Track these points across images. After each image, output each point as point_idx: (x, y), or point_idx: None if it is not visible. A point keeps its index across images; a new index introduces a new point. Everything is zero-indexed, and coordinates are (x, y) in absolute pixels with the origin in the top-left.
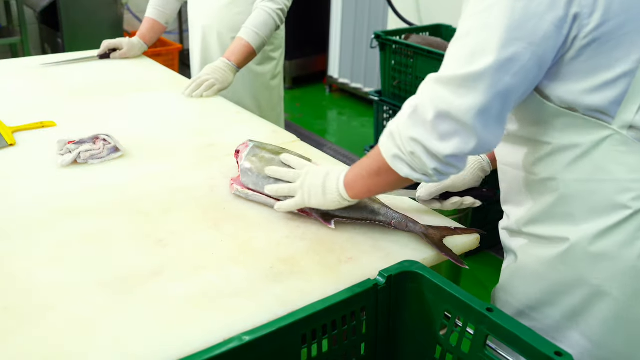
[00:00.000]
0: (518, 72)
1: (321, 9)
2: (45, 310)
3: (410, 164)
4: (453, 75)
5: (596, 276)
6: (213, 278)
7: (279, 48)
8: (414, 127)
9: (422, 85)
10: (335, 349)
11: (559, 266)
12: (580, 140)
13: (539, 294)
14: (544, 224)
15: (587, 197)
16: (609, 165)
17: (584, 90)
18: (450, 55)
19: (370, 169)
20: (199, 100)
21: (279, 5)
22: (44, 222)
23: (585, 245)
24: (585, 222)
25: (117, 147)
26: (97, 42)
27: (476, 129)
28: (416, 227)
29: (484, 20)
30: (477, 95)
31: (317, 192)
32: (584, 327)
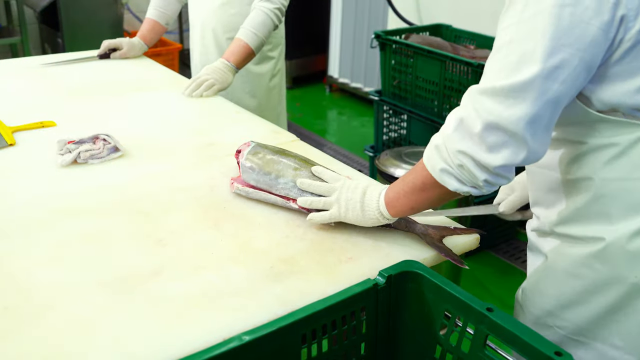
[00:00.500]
0: (566, 79)
1: (321, 8)
2: (45, 310)
3: (459, 177)
4: (500, 86)
5: (635, 274)
6: (213, 278)
7: (277, 47)
8: (461, 140)
9: (466, 98)
10: (335, 349)
11: (594, 265)
12: (618, 139)
13: (572, 293)
14: (578, 224)
15: (624, 196)
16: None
17: (627, 91)
18: (493, 65)
19: (414, 184)
20: (198, 100)
21: (276, 4)
22: (43, 222)
23: (623, 243)
24: (621, 221)
25: (117, 147)
26: (97, 42)
27: (526, 138)
28: (415, 227)
29: (528, 29)
30: (527, 105)
31: (355, 207)
32: (617, 326)
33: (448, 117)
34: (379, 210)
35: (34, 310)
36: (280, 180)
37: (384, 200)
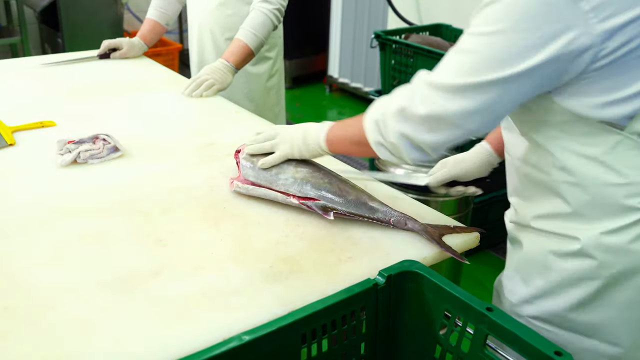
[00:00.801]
0: (508, 92)
1: (321, 8)
2: (45, 310)
3: (391, 151)
4: (448, 83)
5: (612, 269)
6: (213, 277)
7: (275, 47)
8: (402, 123)
9: (414, 85)
10: (335, 349)
11: (570, 261)
12: (594, 146)
13: (546, 285)
14: (554, 221)
15: (599, 199)
16: (621, 169)
17: (596, 105)
18: (448, 64)
19: (352, 138)
20: (198, 100)
21: (275, 5)
22: (43, 222)
23: (601, 240)
24: (598, 222)
25: (116, 146)
26: (97, 42)
27: (465, 127)
28: (415, 225)
29: (485, 44)
30: (468, 102)
31: (299, 144)
32: (592, 316)
33: (392, 98)
34: (319, 145)
35: (34, 310)
36: (281, 177)
37: (324, 138)
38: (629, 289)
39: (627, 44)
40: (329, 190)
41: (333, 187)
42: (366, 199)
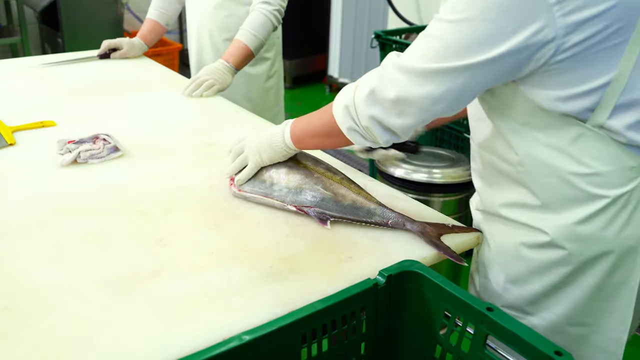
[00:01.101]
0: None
1: (321, 8)
2: (45, 310)
3: (364, 135)
4: (416, 67)
5: (581, 255)
6: (213, 277)
7: (273, 47)
8: (372, 107)
9: (384, 68)
10: (335, 349)
11: (539, 251)
12: (558, 137)
13: (517, 274)
14: (522, 210)
15: (565, 189)
16: (585, 159)
17: (558, 97)
18: (416, 48)
19: (321, 131)
20: (198, 100)
21: (275, 6)
22: (43, 222)
23: (571, 229)
24: (564, 212)
25: (117, 146)
26: (97, 42)
27: (431, 110)
28: (413, 225)
29: (453, 31)
30: (434, 87)
31: (265, 149)
32: (561, 300)
33: (362, 82)
34: (286, 145)
35: (34, 310)
36: (275, 188)
37: (289, 136)
38: (597, 273)
39: (590, 38)
40: (323, 198)
41: (328, 192)
42: (363, 201)
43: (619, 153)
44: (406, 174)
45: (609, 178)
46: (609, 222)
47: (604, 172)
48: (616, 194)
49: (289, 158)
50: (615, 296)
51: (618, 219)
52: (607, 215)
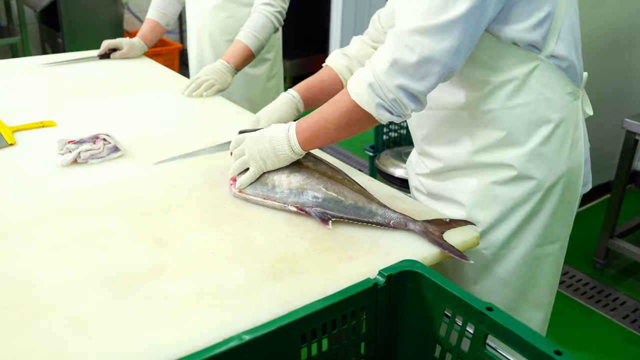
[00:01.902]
0: (483, 16)
1: (321, 8)
2: (45, 310)
3: (391, 109)
4: (431, 24)
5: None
6: (213, 277)
7: (273, 48)
8: (397, 76)
9: (396, 38)
10: (335, 348)
11: (511, 185)
12: (517, 73)
13: (493, 215)
14: (491, 152)
15: (525, 120)
16: (538, 88)
17: (524, 29)
18: (420, 6)
19: (340, 121)
20: (198, 99)
21: (276, 8)
22: (43, 222)
23: (531, 155)
24: (525, 142)
25: (117, 146)
26: (97, 42)
27: (451, 65)
28: (416, 225)
29: None
30: (453, 39)
31: (270, 157)
32: (534, 228)
33: (376, 58)
34: (292, 150)
35: (33, 310)
36: (277, 190)
37: (296, 140)
38: (556, 195)
39: None
40: (325, 198)
41: (330, 192)
42: (364, 201)
43: (561, 80)
44: (406, 174)
45: (556, 102)
46: (561, 144)
47: (553, 97)
48: (563, 116)
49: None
50: (566, 210)
51: (566, 142)
52: (558, 136)
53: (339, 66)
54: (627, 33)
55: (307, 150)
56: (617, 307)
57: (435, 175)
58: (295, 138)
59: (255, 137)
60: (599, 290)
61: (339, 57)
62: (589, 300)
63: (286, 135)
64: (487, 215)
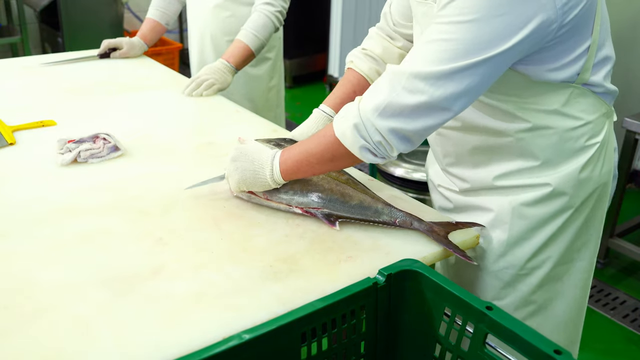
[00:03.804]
0: (493, 69)
1: (321, 7)
2: (45, 310)
3: (375, 152)
4: (437, 70)
5: (581, 199)
6: (213, 277)
7: (274, 48)
8: (390, 119)
9: (392, 79)
10: (334, 348)
11: (539, 205)
12: (548, 102)
13: (518, 233)
14: (521, 175)
15: (563, 144)
16: (576, 114)
17: (555, 68)
18: (426, 54)
19: (322, 156)
20: (198, 99)
21: (277, 8)
22: (43, 221)
23: (574, 177)
24: (564, 165)
25: (117, 146)
26: (97, 42)
27: (451, 109)
28: (421, 225)
29: (464, 31)
30: (456, 85)
31: (247, 176)
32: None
33: (365, 99)
34: (273, 179)
35: (33, 309)
36: (281, 191)
37: (279, 169)
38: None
39: (579, 12)
40: (331, 199)
41: (335, 193)
42: (370, 201)
43: (596, 103)
44: (406, 173)
45: (593, 125)
46: (595, 164)
47: (591, 121)
48: (601, 139)
49: None
50: (593, 228)
51: (600, 161)
52: (593, 159)
53: (366, 70)
54: (628, 33)
55: (287, 181)
56: (617, 307)
57: (463, 192)
58: (278, 168)
59: (237, 154)
60: (599, 289)
61: (364, 59)
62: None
63: (271, 163)
64: (512, 232)
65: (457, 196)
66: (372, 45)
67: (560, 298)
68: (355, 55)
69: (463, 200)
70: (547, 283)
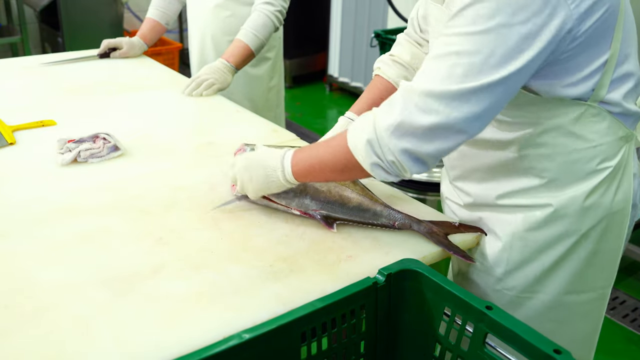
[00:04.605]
0: (507, 90)
1: (321, 7)
2: (45, 309)
3: (388, 169)
4: (447, 90)
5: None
6: (213, 276)
7: (274, 48)
8: (403, 139)
9: (404, 97)
10: (334, 347)
11: (541, 228)
12: (558, 121)
13: (519, 256)
14: (523, 195)
15: (570, 166)
16: (587, 135)
17: (569, 84)
18: (439, 71)
19: (335, 166)
20: (198, 99)
21: (277, 7)
22: (43, 221)
23: (578, 201)
24: (568, 187)
25: (116, 145)
26: (97, 41)
27: (467, 131)
28: (420, 226)
29: (476, 44)
30: (470, 107)
31: (260, 181)
32: (562, 274)
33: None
34: (286, 180)
35: (34, 309)
36: (281, 193)
37: (291, 171)
38: (593, 240)
39: (594, 24)
40: (329, 201)
41: (333, 195)
42: (368, 203)
43: (612, 125)
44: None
45: (607, 149)
46: (606, 190)
47: (603, 144)
48: (614, 164)
49: None
50: (605, 259)
51: (612, 187)
52: (605, 184)
53: (394, 77)
54: None
55: (302, 182)
56: (617, 307)
57: (467, 207)
58: (290, 169)
59: (245, 165)
60: None
61: (392, 66)
62: None
63: (281, 164)
64: (512, 255)
65: (462, 210)
66: (400, 52)
67: (567, 325)
68: (383, 61)
69: (467, 215)
70: (549, 313)
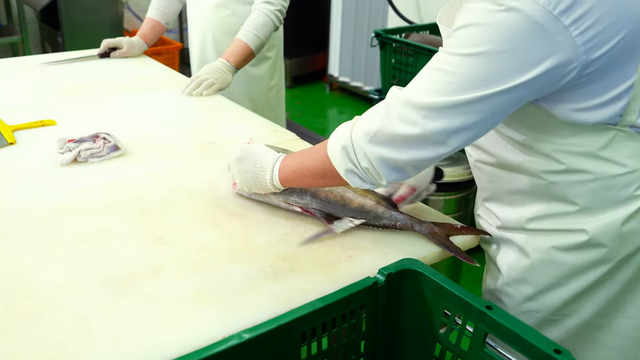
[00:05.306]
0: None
1: (321, 7)
2: (45, 309)
3: (363, 177)
4: (431, 102)
5: (622, 253)
6: (213, 276)
7: (274, 47)
8: (379, 146)
9: (389, 104)
10: (334, 347)
11: (575, 253)
12: (587, 147)
13: (550, 279)
14: (556, 219)
15: (603, 192)
16: (620, 160)
17: (590, 107)
18: (426, 83)
19: (315, 172)
20: (198, 98)
21: (277, 7)
22: (44, 221)
23: (610, 229)
24: (602, 214)
25: (117, 145)
26: (98, 41)
27: (446, 144)
28: (422, 227)
29: (467, 65)
30: (451, 121)
31: (248, 178)
32: (593, 300)
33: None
34: (272, 183)
35: (34, 309)
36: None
37: (278, 175)
38: (632, 267)
39: (610, 50)
40: (330, 201)
41: (335, 196)
42: (370, 204)
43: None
44: None
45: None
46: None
47: (637, 169)
48: None
49: None
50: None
51: None
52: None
53: None
54: None
55: (285, 187)
56: None
57: (498, 228)
58: (277, 173)
59: (239, 156)
60: None
61: None
62: None
63: (272, 167)
64: (542, 277)
65: (493, 229)
66: None
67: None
68: None
69: (498, 234)
70: (577, 337)
